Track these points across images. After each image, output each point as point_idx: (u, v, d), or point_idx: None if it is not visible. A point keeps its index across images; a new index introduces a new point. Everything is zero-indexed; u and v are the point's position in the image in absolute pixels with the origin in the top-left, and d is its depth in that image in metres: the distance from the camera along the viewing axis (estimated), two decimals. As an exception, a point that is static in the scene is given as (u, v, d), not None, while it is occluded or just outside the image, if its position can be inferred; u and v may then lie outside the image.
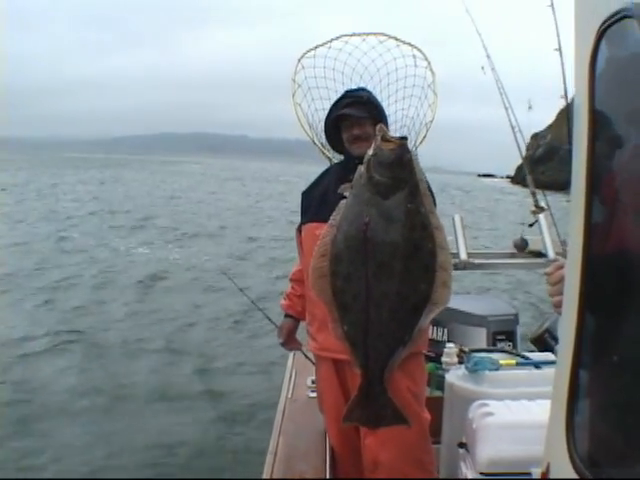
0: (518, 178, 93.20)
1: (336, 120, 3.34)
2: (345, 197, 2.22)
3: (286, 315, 3.71)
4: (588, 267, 1.37)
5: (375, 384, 2.27)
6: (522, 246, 4.60)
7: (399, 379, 3.02)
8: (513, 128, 4.83)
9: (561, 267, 1.74)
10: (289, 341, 3.73)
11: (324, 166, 3.70)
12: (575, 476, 1.36)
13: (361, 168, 2.20)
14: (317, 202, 3.34)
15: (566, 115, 3.09)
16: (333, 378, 3.35)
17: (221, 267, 13.88)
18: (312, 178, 3.60)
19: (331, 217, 2.23)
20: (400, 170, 2.12)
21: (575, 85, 1.48)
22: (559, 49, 3.91)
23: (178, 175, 73.54)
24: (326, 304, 2.24)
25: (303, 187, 3.61)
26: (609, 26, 1.36)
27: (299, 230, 3.48)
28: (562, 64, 3.78)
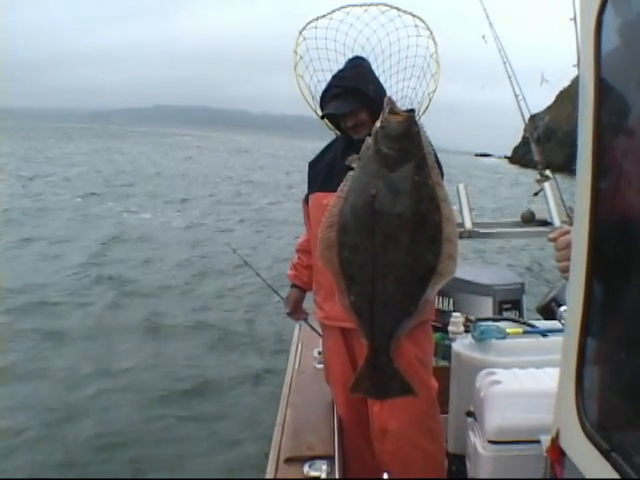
0: (516, 158, 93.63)
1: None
2: (352, 169, 2.24)
3: (292, 285, 3.74)
4: (595, 233, 1.37)
5: (382, 354, 2.28)
6: (529, 218, 4.59)
7: (407, 347, 3.04)
8: (517, 96, 4.79)
9: (566, 233, 1.75)
10: (295, 311, 3.77)
11: (324, 141, 3.70)
12: (586, 441, 1.37)
13: (369, 140, 2.21)
14: (324, 172, 3.36)
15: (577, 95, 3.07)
16: (340, 347, 3.37)
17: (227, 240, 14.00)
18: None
19: (339, 188, 2.24)
20: (408, 143, 2.12)
21: (580, 52, 1.47)
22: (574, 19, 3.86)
23: (182, 149, 72.92)
24: (333, 275, 2.25)
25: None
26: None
27: (306, 200, 3.49)
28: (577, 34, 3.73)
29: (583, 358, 1.44)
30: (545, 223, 4.47)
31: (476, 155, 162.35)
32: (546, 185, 4.45)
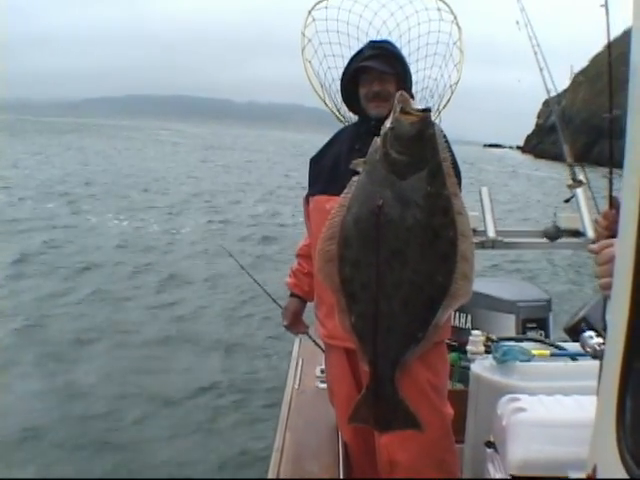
0: (528, 147, 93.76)
1: (355, 73, 3.26)
2: (358, 173, 2.22)
3: (292, 294, 3.68)
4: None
5: (385, 383, 2.28)
6: (554, 234, 4.52)
7: (418, 371, 3.02)
8: (549, 92, 4.80)
9: (609, 245, 1.73)
10: (295, 324, 3.71)
11: (317, 133, 3.68)
12: (627, 478, 1.35)
13: (377, 141, 2.19)
14: (327, 172, 3.31)
15: (609, 78, 3.06)
16: (345, 368, 3.34)
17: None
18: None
19: (342, 195, 2.21)
20: (421, 147, 2.11)
21: (633, 38, 1.45)
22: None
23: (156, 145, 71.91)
24: (333, 292, 2.25)
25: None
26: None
27: (307, 200, 3.46)
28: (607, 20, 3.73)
29: (626, 386, 1.42)
30: (577, 233, 4.46)
31: (485, 146, 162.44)
32: (579, 192, 4.45)
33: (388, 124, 2.15)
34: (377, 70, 3.16)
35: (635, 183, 1.36)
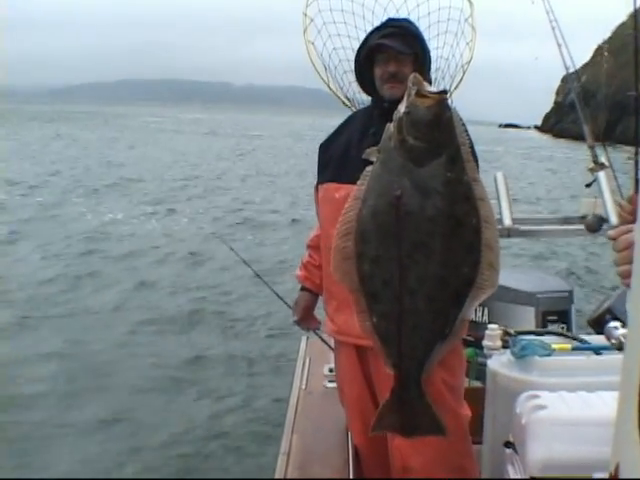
0: (546, 127, 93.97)
1: (370, 52, 3.22)
2: (371, 162, 2.18)
3: (302, 288, 3.65)
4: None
5: (411, 387, 2.25)
6: (595, 226, 4.44)
7: (433, 370, 2.98)
8: (567, 69, 4.75)
9: (629, 231, 1.69)
10: (306, 319, 3.68)
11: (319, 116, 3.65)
12: None
13: (390, 128, 2.14)
14: (337, 158, 3.28)
15: (635, 50, 3.01)
16: (355, 367, 3.32)
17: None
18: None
19: (356, 187, 2.18)
20: (439, 132, 2.07)
21: None
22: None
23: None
24: (351, 292, 2.21)
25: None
26: None
27: (317, 189, 3.43)
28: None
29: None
30: (601, 220, 4.41)
31: (500, 126, 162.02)
32: (601, 175, 4.39)
33: (402, 109, 2.10)
34: (394, 49, 3.13)
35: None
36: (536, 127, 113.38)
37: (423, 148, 2.06)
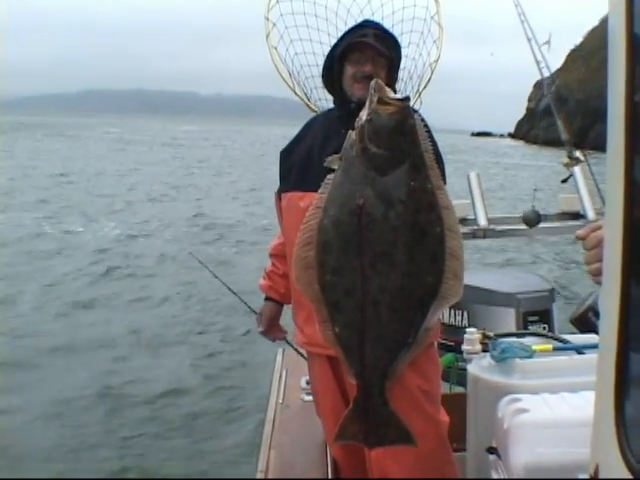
0: (520, 134, 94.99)
1: (346, 50, 3.21)
2: (333, 170, 2.18)
3: (267, 298, 3.67)
4: (632, 227, 1.36)
5: (374, 396, 2.26)
6: (533, 220, 4.48)
7: (408, 377, 3.01)
8: (538, 63, 4.80)
9: (597, 228, 1.74)
10: (271, 329, 3.70)
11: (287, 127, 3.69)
12: (630, 477, 1.36)
13: (352, 135, 2.16)
14: (299, 166, 3.29)
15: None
16: (328, 377, 3.33)
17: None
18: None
19: (317, 195, 2.19)
20: (401, 139, 2.09)
21: (609, 9, 1.45)
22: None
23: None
24: (313, 301, 2.22)
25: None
26: None
27: (279, 197, 3.44)
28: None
29: (623, 378, 1.42)
30: (577, 216, 4.46)
31: (473, 134, 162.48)
32: (576, 170, 4.45)
33: (364, 116, 2.12)
34: (376, 49, 3.14)
35: (618, 163, 1.36)
36: (510, 135, 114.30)
37: (386, 156, 2.08)
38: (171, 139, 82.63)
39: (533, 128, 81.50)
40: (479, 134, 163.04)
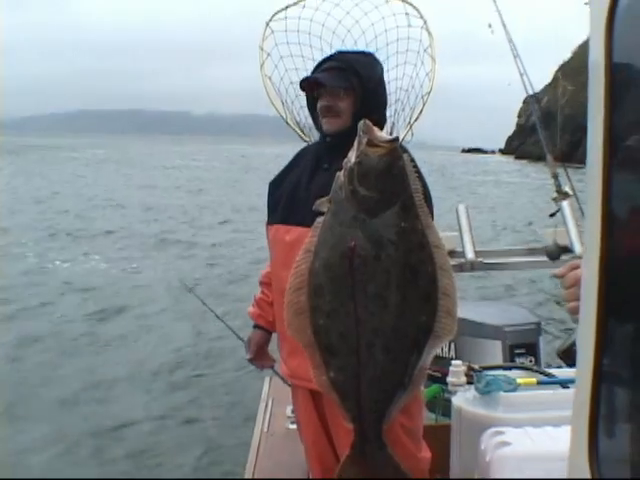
0: (509, 149, 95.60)
1: (310, 87, 3.22)
2: (322, 213, 2.20)
3: (255, 325, 3.65)
4: (608, 266, 1.39)
5: (371, 439, 2.27)
6: (556, 254, 4.50)
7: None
8: (527, 90, 4.86)
9: (576, 267, 1.78)
10: (259, 357, 3.68)
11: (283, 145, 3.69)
12: None
13: (341, 177, 2.17)
14: (286, 198, 3.26)
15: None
16: (310, 410, 3.33)
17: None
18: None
19: (305, 229, 2.20)
20: (391, 182, 2.11)
21: (590, 38, 1.47)
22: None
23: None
24: (306, 347, 2.23)
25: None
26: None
27: (267, 228, 3.41)
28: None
29: (597, 413, 1.46)
30: (566, 250, 4.50)
31: (464, 151, 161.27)
32: (564, 204, 4.48)
33: (353, 158, 2.13)
34: (323, 84, 3.12)
35: (596, 205, 1.40)
36: (500, 150, 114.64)
37: (375, 199, 2.10)
38: (163, 162, 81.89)
39: (523, 144, 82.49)
40: (469, 150, 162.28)
